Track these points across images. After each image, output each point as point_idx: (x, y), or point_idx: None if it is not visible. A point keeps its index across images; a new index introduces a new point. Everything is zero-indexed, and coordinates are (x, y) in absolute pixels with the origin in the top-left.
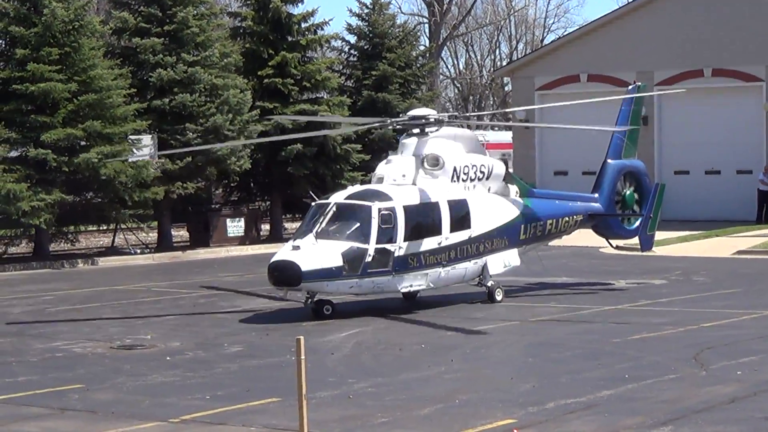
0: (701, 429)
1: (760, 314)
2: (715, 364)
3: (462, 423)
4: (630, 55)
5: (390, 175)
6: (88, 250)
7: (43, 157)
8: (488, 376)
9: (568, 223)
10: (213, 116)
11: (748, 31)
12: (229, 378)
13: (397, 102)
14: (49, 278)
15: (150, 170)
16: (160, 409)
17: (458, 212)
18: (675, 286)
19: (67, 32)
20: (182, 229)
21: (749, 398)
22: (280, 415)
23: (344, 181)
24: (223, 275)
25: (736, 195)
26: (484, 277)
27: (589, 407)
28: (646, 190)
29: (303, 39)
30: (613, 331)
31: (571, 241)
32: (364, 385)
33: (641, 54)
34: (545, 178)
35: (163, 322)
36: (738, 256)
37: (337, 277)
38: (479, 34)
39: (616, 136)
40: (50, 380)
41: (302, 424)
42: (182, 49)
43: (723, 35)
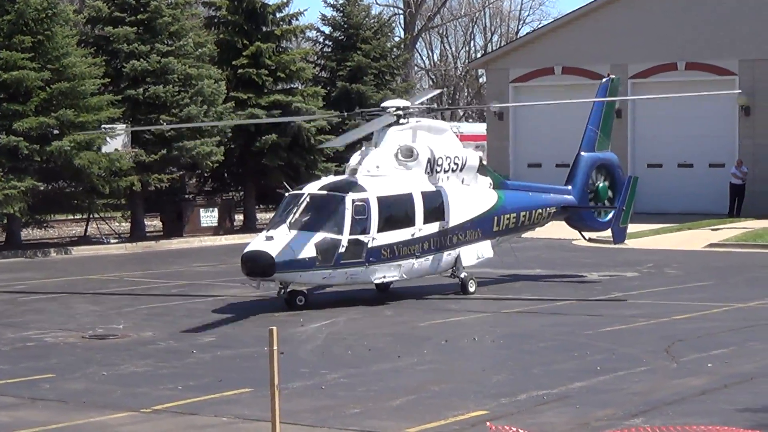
0: (672, 421)
1: (731, 307)
2: (687, 357)
3: (434, 414)
4: (604, 48)
5: (364, 166)
6: (61, 239)
7: (15, 145)
8: (461, 367)
9: (542, 215)
10: (187, 106)
11: (722, 25)
12: (201, 368)
13: (372, 93)
14: (22, 267)
15: (124, 161)
16: (132, 398)
17: (432, 204)
18: (647, 279)
19: (41, 20)
20: (155, 218)
21: (720, 390)
22: (252, 406)
23: (318, 171)
24: (196, 265)
25: (709, 188)
26: (458, 268)
27: (561, 399)
28: (619, 182)
29: (277, 29)
30: (585, 323)
31: (545, 233)
32: (336, 375)
33: (615, 47)
34: (519, 170)
35: (136, 312)
36: (710, 249)
37: (311, 268)
38: (454, 25)
39: (590, 129)
40: (22, 370)
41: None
42: (156, 39)
43: (697, 29)
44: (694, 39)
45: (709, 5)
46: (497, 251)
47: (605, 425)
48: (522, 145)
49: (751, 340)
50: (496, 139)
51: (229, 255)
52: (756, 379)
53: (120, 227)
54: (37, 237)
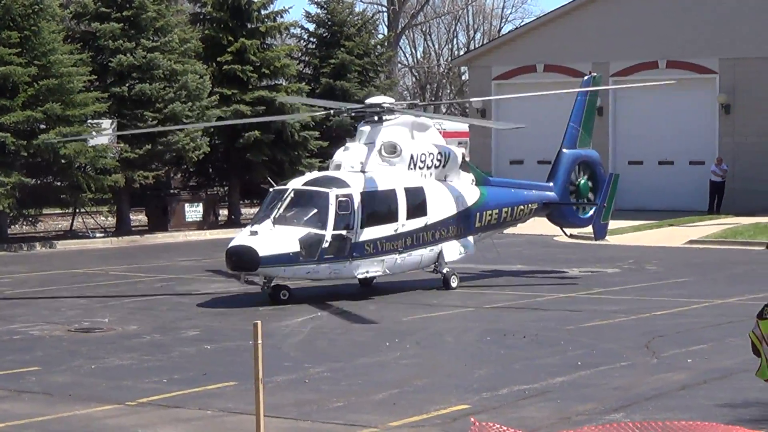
0: (652, 416)
1: (711, 303)
2: (667, 352)
3: (417, 408)
4: (586, 46)
5: (348, 162)
6: (47, 234)
7: (2, 141)
8: (443, 362)
9: (523, 211)
10: (172, 102)
11: (703, 24)
12: (186, 362)
13: (356, 90)
14: (7, 261)
15: (109, 156)
16: (117, 392)
17: (415, 200)
18: (628, 275)
19: (27, 16)
20: (141, 213)
21: (699, 386)
22: (236, 399)
23: (302, 167)
24: (181, 260)
25: (689, 185)
26: (440, 263)
27: (542, 393)
28: (600, 179)
29: (262, 26)
30: (566, 318)
31: (526, 229)
32: (320, 369)
33: (597, 45)
34: (501, 166)
35: (121, 306)
36: (690, 245)
37: (294, 263)
38: (437, 23)
39: (572, 126)
40: (7, 362)
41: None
42: (141, 35)
43: (678, 28)
44: (675, 38)
45: (690, 5)
46: (479, 247)
47: (586, 420)
48: (504, 142)
49: (730, 336)
50: (478, 136)
51: (213, 249)
52: (735, 374)
53: (105, 222)
54: (23, 231)
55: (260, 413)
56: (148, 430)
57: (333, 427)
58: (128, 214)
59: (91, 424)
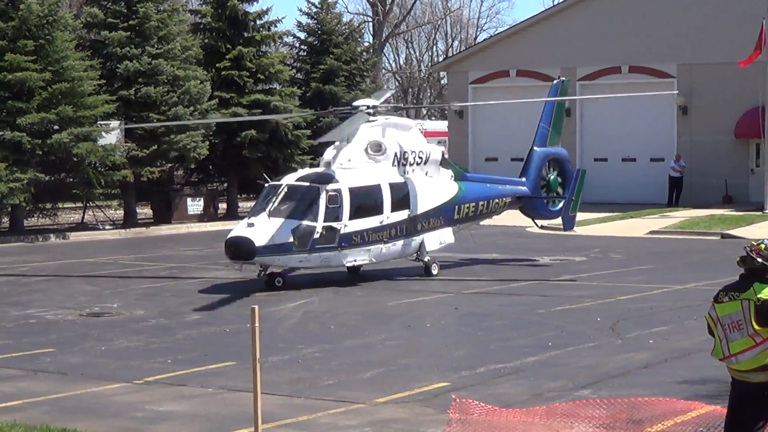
0: (618, 392)
1: (670, 288)
2: (630, 334)
3: (401, 385)
4: (555, 52)
5: (337, 159)
6: (60, 226)
7: (19, 140)
8: (425, 343)
9: (498, 204)
10: (175, 106)
11: (662, 33)
12: (189, 343)
13: (343, 93)
14: (24, 251)
15: (118, 154)
16: (126, 371)
17: (398, 194)
18: (594, 263)
19: (42, 26)
20: (146, 207)
21: (660, 364)
22: (235, 378)
23: (295, 164)
24: (183, 250)
25: (650, 180)
26: (422, 253)
27: (516, 372)
28: (568, 175)
29: (258, 35)
30: (538, 303)
31: (501, 221)
32: (312, 350)
33: (565, 51)
34: (477, 163)
35: (129, 292)
36: (651, 236)
37: (288, 252)
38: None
39: (542, 126)
40: (24, 344)
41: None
42: (146, 43)
43: (639, 36)
44: (637, 45)
45: (650, 14)
46: (458, 237)
47: (557, 396)
48: (480, 141)
49: (688, 319)
50: (456, 136)
51: (213, 240)
52: (693, 354)
53: (114, 215)
54: (38, 224)
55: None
56: (154, 406)
57: (324, 403)
58: (135, 207)
59: (102, 401)
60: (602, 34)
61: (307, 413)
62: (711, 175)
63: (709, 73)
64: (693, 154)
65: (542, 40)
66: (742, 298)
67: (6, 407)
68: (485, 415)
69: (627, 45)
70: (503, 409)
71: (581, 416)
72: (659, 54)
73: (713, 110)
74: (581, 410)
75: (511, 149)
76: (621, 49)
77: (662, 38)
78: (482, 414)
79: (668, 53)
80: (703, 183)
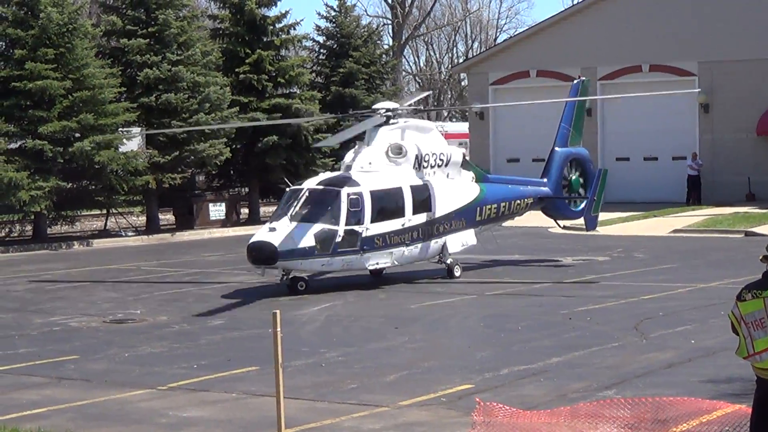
0: (642, 392)
1: (694, 287)
2: (654, 333)
3: (424, 388)
4: (575, 52)
5: (358, 162)
6: (83, 233)
7: (40, 148)
8: (447, 345)
9: (520, 205)
10: (196, 113)
11: (683, 31)
12: (211, 349)
13: (363, 96)
14: (48, 259)
15: (139, 160)
16: (149, 377)
17: (420, 196)
18: (617, 263)
19: (62, 34)
20: (169, 213)
21: (684, 364)
22: (258, 383)
23: (316, 168)
24: (206, 255)
25: (672, 179)
26: (444, 255)
27: (540, 373)
28: (590, 175)
29: (276, 39)
30: (561, 303)
31: (523, 222)
32: (334, 354)
33: (585, 51)
34: (499, 164)
35: (152, 298)
36: (674, 234)
37: (310, 256)
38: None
39: (563, 126)
40: (48, 352)
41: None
42: (166, 49)
43: (659, 34)
44: (657, 43)
45: (670, 12)
46: (480, 239)
47: (581, 396)
48: (501, 142)
49: (712, 318)
50: (477, 137)
51: (235, 245)
52: (717, 353)
53: (137, 221)
54: (61, 231)
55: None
56: (178, 412)
57: (347, 407)
58: (157, 214)
59: (126, 407)
60: (622, 33)
61: (331, 417)
62: (733, 172)
63: (730, 70)
64: (715, 152)
65: (562, 40)
66: (765, 296)
67: (30, 415)
68: (509, 418)
69: (647, 43)
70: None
71: (606, 417)
72: (680, 52)
73: (735, 108)
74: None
75: (533, 150)
76: (641, 47)
77: (682, 36)
78: (506, 417)
79: (689, 51)
80: (725, 181)
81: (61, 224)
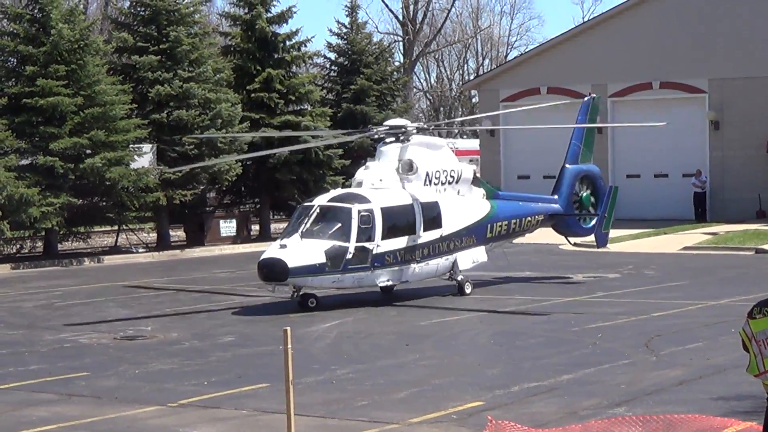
0: (653, 409)
1: (704, 304)
2: (665, 350)
3: (435, 405)
4: (585, 69)
5: (368, 179)
6: (94, 249)
7: (51, 164)
8: (458, 362)
9: (531, 222)
10: (207, 129)
11: (693, 48)
12: (222, 365)
13: (374, 113)
14: (59, 275)
15: (150, 177)
16: (160, 394)
17: (430, 213)
18: (627, 279)
19: (73, 51)
20: (179, 229)
21: (695, 381)
22: (269, 399)
23: (326, 185)
24: (216, 272)
25: (682, 196)
26: (455, 271)
27: (550, 390)
28: (601, 192)
29: (287, 56)
30: (571, 320)
31: (534, 239)
32: (345, 371)
33: (596, 68)
34: (509, 181)
35: (162, 315)
36: (685, 251)
37: (321, 273)
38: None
39: (574, 143)
40: (59, 368)
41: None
42: (177, 66)
43: (669, 52)
44: (668, 60)
45: (681, 29)
46: (491, 256)
47: (592, 414)
48: (512, 159)
49: (722, 335)
50: (488, 154)
51: (246, 262)
52: (728, 370)
53: (147, 238)
54: (72, 247)
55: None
56: (188, 429)
57: (358, 424)
58: (168, 230)
59: (136, 425)
60: (632, 50)
61: None
62: (744, 189)
63: (740, 87)
64: (725, 169)
65: (573, 57)
66: None
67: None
68: None
69: (657, 61)
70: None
71: None
72: (690, 69)
73: (745, 125)
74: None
75: (543, 167)
76: (651, 64)
77: (693, 53)
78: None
79: (699, 68)
80: (736, 198)
81: (72, 240)
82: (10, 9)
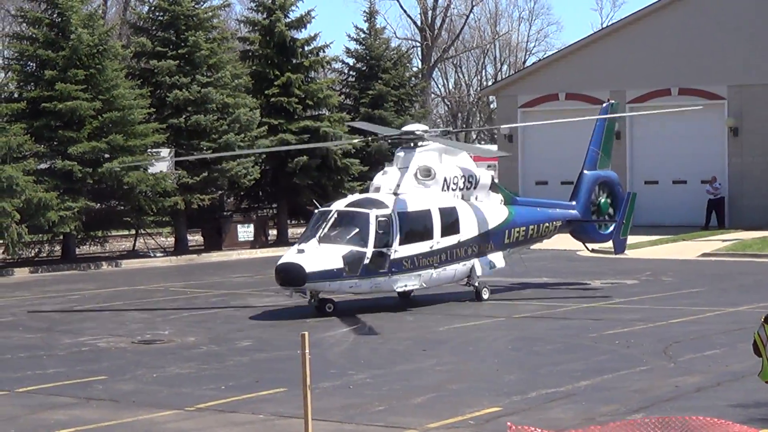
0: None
1: (722, 311)
2: (683, 357)
3: (452, 410)
4: (604, 75)
5: (386, 184)
6: (112, 253)
7: (70, 169)
8: (476, 367)
9: (548, 228)
10: (226, 134)
11: (712, 54)
12: (239, 370)
13: (392, 119)
14: (76, 279)
15: (168, 181)
16: (177, 398)
17: (448, 219)
18: (645, 286)
19: (92, 55)
20: (197, 234)
21: (713, 388)
22: (286, 404)
23: (344, 190)
24: (234, 276)
25: (700, 202)
26: (472, 277)
27: (568, 396)
28: (619, 198)
29: (306, 61)
30: (589, 326)
31: (551, 245)
32: (363, 376)
33: (614, 74)
34: (527, 187)
35: (180, 319)
36: (703, 258)
37: (339, 278)
38: (467, 56)
39: (592, 149)
40: (77, 372)
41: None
42: (196, 71)
43: (688, 58)
44: (686, 66)
45: (700, 36)
46: (508, 261)
47: (609, 420)
48: (530, 165)
49: (741, 342)
50: (506, 159)
51: (264, 267)
52: (746, 377)
53: (165, 242)
54: (90, 252)
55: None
56: None
57: (375, 429)
58: (186, 234)
59: (154, 429)
60: (651, 57)
61: None
62: (763, 196)
63: (759, 93)
64: (744, 176)
65: (591, 63)
66: None
67: None
68: None
69: (676, 67)
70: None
71: None
72: (709, 75)
73: (764, 131)
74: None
75: (561, 173)
76: (670, 71)
77: (712, 60)
78: None
79: (718, 74)
80: (755, 204)
81: (90, 245)
82: (29, 13)
